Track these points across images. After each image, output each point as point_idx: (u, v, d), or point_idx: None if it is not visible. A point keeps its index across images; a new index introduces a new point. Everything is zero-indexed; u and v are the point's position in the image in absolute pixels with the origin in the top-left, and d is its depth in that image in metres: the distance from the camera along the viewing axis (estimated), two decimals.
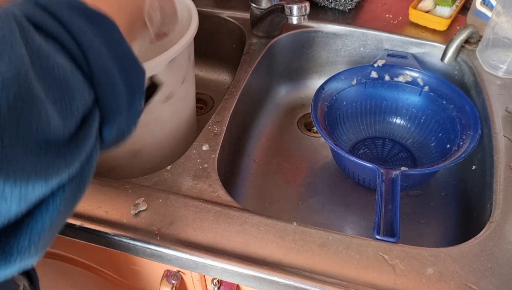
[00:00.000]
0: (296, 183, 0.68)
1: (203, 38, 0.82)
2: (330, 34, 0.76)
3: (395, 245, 0.45)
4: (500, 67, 0.64)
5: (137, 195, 0.50)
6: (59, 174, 0.25)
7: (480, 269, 0.43)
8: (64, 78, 0.26)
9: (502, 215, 0.48)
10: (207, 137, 0.57)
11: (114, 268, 0.62)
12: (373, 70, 0.69)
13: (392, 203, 0.50)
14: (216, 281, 0.53)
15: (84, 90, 0.28)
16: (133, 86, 0.32)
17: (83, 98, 0.27)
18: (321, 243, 0.46)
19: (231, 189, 0.63)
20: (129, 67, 0.31)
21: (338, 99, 0.67)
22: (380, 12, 0.79)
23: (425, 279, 0.43)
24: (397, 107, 0.70)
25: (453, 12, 0.74)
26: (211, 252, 0.45)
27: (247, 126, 0.72)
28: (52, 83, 0.25)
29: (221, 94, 0.83)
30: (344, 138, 0.70)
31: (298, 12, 0.61)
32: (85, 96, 0.28)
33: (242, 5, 0.79)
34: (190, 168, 0.54)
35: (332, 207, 0.65)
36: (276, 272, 0.44)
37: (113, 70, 0.29)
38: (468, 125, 0.60)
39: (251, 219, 0.48)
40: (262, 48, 0.72)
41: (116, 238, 0.47)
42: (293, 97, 0.82)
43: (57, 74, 0.26)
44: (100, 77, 0.29)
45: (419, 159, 0.67)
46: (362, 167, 0.58)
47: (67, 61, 0.27)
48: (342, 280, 0.43)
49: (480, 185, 0.57)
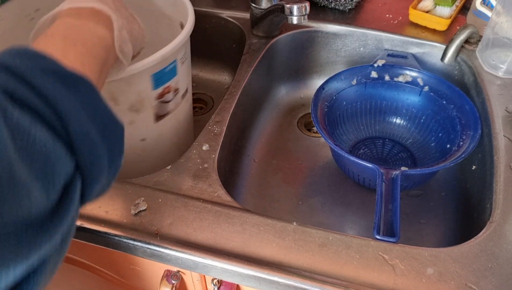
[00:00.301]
0: (296, 183, 0.68)
1: (203, 38, 0.82)
2: (330, 34, 0.76)
3: (395, 245, 0.45)
4: (500, 67, 0.64)
5: (137, 195, 0.50)
6: (42, 249, 0.24)
7: (480, 269, 0.43)
8: (45, 152, 0.25)
9: (502, 215, 0.48)
10: (207, 137, 0.57)
11: (114, 268, 0.62)
12: (373, 70, 0.69)
13: (392, 203, 0.50)
14: (216, 281, 0.53)
15: (65, 159, 0.27)
16: (113, 144, 0.31)
17: (65, 168, 0.27)
18: (321, 243, 0.46)
19: (231, 189, 0.63)
20: (108, 126, 0.31)
21: (338, 99, 0.67)
22: (380, 12, 0.79)
23: (425, 279, 0.43)
24: (397, 107, 0.70)
25: (453, 12, 0.74)
26: (211, 252, 0.45)
27: (247, 126, 0.72)
28: (34, 158, 0.25)
29: (221, 94, 0.83)
30: (344, 138, 0.70)
31: (298, 12, 0.61)
32: (67, 165, 0.27)
33: (242, 5, 0.79)
34: (190, 168, 0.54)
35: (332, 207, 0.65)
36: (276, 272, 0.44)
37: (93, 133, 0.29)
38: (468, 125, 0.60)
39: (251, 219, 0.48)
40: (262, 48, 0.72)
41: (116, 238, 0.47)
42: (293, 97, 0.82)
43: (38, 149, 0.25)
44: (81, 143, 0.28)
45: (419, 159, 0.67)
46: (362, 167, 0.58)
47: (46, 132, 0.26)
48: (342, 280, 0.43)
49: (480, 185, 0.57)
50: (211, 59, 0.86)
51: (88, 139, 0.29)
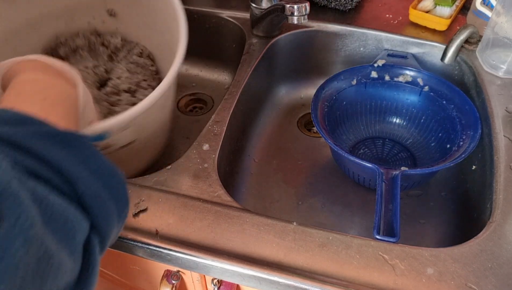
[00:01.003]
0: (296, 183, 0.68)
1: (203, 38, 0.82)
2: (330, 34, 0.76)
3: (395, 245, 0.45)
4: (500, 67, 0.64)
5: (137, 195, 0.50)
6: None
7: (480, 269, 0.43)
8: (64, 218, 0.26)
9: (502, 215, 0.48)
10: (207, 137, 0.57)
11: (114, 268, 0.62)
12: (373, 70, 0.69)
13: (392, 203, 0.50)
14: (216, 281, 0.53)
15: (81, 221, 0.28)
16: (120, 196, 0.32)
17: (83, 229, 0.28)
18: (321, 243, 0.46)
19: (231, 189, 0.63)
20: (111, 179, 0.32)
21: (338, 99, 0.67)
22: (380, 12, 0.79)
23: (425, 279, 0.43)
24: (397, 107, 0.70)
25: (453, 12, 0.74)
26: (211, 252, 0.45)
27: (247, 126, 0.72)
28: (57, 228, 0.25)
29: (221, 94, 0.83)
30: (344, 138, 0.70)
31: (298, 12, 0.61)
32: (84, 226, 0.28)
33: (242, 5, 0.79)
34: (190, 168, 0.54)
35: (332, 207, 0.65)
36: (276, 272, 0.44)
37: (100, 190, 0.30)
38: (468, 125, 0.60)
39: (251, 219, 0.48)
40: (262, 48, 0.72)
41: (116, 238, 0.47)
42: (293, 97, 0.82)
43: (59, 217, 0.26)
44: (92, 203, 0.29)
45: (419, 159, 0.67)
46: (362, 167, 0.58)
47: (61, 198, 0.27)
48: (342, 280, 0.43)
49: (480, 185, 0.57)
50: (211, 59, 0.86)
51: (97, 197, 0.30)
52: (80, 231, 0.27)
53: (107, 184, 0.31)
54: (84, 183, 0.29)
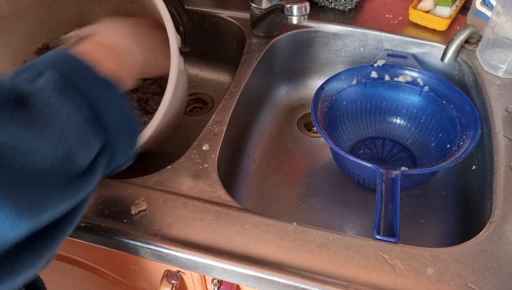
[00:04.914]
0: (296, 183, 0.68)
1: (203, 38, 0.82)
2: (330, 34, 0.76)
3: (395, 245, 0.45)
4: (500, 67, 0.64)
5: (137, 195, 0.50)
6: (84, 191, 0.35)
7: (480, 269, 0.43)
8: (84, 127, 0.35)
9: (502, 215, 0.48)
10: (207, 137, 0.57)
11: (114, 268, 0.62)
12: (373, 70, 0.69)
13: (392, 203, 0.50)
14: (216, 281, 0.53)
15: (99, 134, 0.37)
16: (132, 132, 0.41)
17: (98, 142, 0.36)
18: (321, 243, 0.46)
19: (231, 189, 0.63)
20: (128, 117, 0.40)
21: (338, 99, 0.68)
22: (380, 12, 0.79)
23: (425, 279, 0.43)
24: (397, 107, 0.70)
25: (453, 12, 0.74)
26: (211, 252, 0.45)
27: (247, 126, 0.72)
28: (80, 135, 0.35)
29: (221, 94, 0.83)
30: (344, 138, 0.70)
31: (298, 12, 0.61)
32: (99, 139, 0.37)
33: (242, 5, 0.79)
34: (190, 168, 0.54)
35: (332, 207, 0.65)
36: (276, 272, 0.44)
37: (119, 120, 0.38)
38: (468, 125, 0.60)
39: (251, 219, 0.48)
40: (262, 48, 0.72)
41: (116, 238, 0.47)
42: (293, 97, 0.82)
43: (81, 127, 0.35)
44: (110, 126, 0.38)
45: (419, 159, 0.67)
46: (362, 167, 0.58)
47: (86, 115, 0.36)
48: (342, 280, 0.43)
49: (480, 185, 0.57)
50: (211, 59, 0.86)
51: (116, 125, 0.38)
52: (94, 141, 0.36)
53: (125, 118, 0.39)
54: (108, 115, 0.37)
